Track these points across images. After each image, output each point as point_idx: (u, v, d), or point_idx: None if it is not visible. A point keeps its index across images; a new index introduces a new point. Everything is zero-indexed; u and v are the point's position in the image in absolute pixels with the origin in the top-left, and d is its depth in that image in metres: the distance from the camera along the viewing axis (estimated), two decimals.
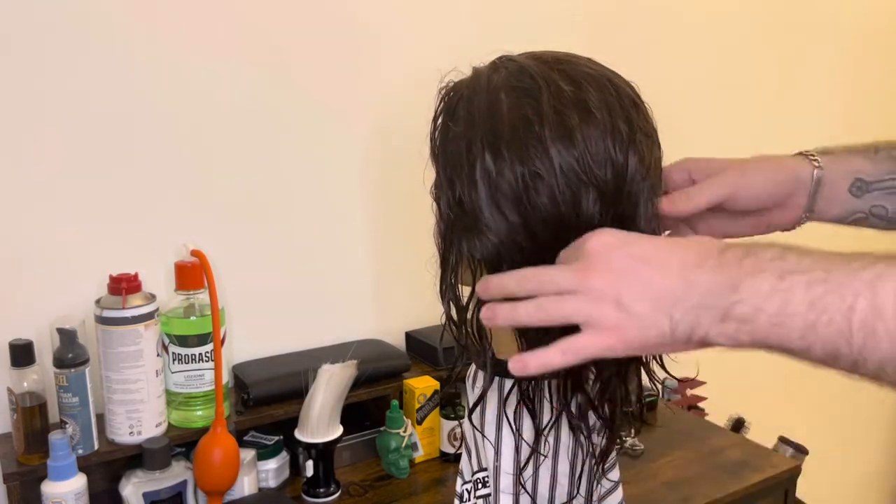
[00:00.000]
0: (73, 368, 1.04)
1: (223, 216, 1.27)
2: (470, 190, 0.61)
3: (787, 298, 0.45)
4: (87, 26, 1.12)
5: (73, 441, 1.04)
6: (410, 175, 0.79)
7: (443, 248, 0.67)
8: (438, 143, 0.66)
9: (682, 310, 0.49)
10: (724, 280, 0.47)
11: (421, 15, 1.39)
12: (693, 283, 0.48)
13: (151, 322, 1.08)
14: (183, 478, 1.09)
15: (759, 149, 0.71)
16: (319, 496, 1.18)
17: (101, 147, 1.16)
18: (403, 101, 1.23)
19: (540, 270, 0.54)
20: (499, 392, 0.70)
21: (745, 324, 0.47)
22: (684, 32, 1.72)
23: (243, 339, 1.30)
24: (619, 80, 0.64)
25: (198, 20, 1.20)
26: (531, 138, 0.59)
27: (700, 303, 0.48)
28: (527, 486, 0.69)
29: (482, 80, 0.64)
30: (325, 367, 1.15)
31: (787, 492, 1.30)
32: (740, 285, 0.47)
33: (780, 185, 0.67)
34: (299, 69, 1.30)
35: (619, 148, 0.60)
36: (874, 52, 2.08)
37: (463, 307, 0.66)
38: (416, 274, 0.78)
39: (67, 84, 1.12)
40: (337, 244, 1.38)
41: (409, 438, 1.25)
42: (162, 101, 1.19)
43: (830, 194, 0.67)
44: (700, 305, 0.48)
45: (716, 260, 0.49)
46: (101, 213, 1.17)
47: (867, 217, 0.69)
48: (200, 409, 1.14)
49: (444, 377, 1.29)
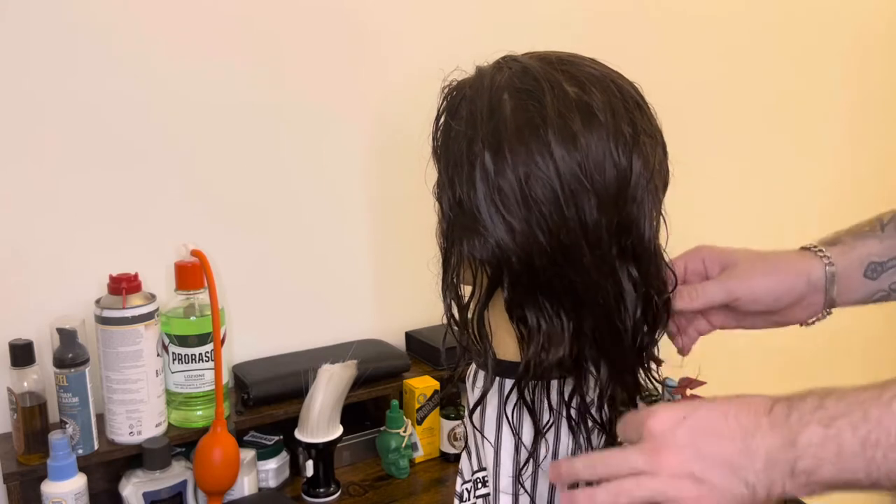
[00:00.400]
0: (73, 368, 1.04)
1: (223, 216, 1.27)
2: (469, 190, 0.61)
3: (840, 443, 0.49)
4: (87, 26, 1.12)
5: (73, 441, 1.04)
6: (411, 175, 0.79)
7: (444, 247, 0.67)
8: (440, 143, 0.66)
9: (754, 473, 0.51)
10: (781, 440, 0.50)
11: (422, 14, 1.39)
12: (756, 449, 0.51)
13: (151, 322, 1.08)
14: (183, 478, 1.09)
15: (761, 149, 0.71)
16: (319, 496, 1.18)
17: (101, 147, 1.16)
18: (405, 101, 1.23)
19: (607, 454, 0.57)
20: (499, 392, 0.70)
21: (812, 475, 0.50)
22: (688, 33, 1.72)
23: (243, 339, 1.30)
24: (623, 81, 0.64)
25: (198, 20, 1.20)
26: (534, 140, 0.59)
27: (767, 464, 0.51)
28: (526, 486, 0.69)
29: (485, 79, 0.64)
30: (325, 367, 1.15)
31: None
32: (796, 441, 0.50)
33: (790, 291, 0.67)
34: (300, 68, 1.30)
35: (623, 151, 0.60)
36: (880, 53, 2.08)
37: (464, 307, 0.66)
38: (416, 274, 0.78)
39: (67, 84, 1.12)
40: (337, 244, 1.38)
41: (409, 438, 1.25)
42: (162, 100, 1.19)
43: (847, 285, 0.67)
44: (768, 467, 0.51)
45: (767, 419, 0.52)
46: (101, 213, 1.17)
47: (888, 294, 0.69)
48: (200, 409, 1.14)
49: (444, 377, 1.29)
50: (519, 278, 0.62)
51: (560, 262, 0.60)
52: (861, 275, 0.67)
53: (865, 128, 2.10)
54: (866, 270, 0.67)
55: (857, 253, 0.67)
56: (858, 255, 0.67)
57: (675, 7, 1.69)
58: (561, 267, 0.61)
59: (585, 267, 0.61)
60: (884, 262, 0.67)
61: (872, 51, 2.07)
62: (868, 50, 2.06)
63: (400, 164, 1.37)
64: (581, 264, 0.61)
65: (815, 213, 1.98)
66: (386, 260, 1.43)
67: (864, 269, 0.67)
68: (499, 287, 0.63)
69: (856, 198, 2.03)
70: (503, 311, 0.64)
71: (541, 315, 0.62)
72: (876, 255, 0.67)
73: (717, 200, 1.78)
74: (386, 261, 1.43)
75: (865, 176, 2.08)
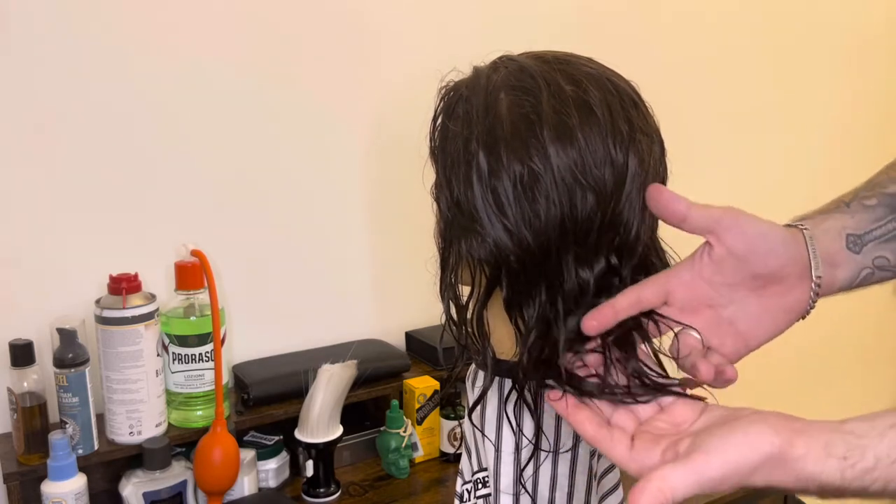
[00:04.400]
0: (73, 368, 1.04)
1: (223, 216, 1.27)
2: (466, 190, 0.61)
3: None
4: (87, 26, 1.12)
5: (73, 441, 1.04)
6: (410, 175, 0.79)
7: (442, 247, 0.67)
8: (437, 143, 0.66)
9: None
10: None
11: (422, 14, 1.39)
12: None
13: (151, 322, 1.08)
14: (183, 478, 1.09)
15: (759, 144, 0.70)
16: (319, 496, 1.18)
17: (101, 147, 1.16)
18: (404, 101, 1.23)
19: None
20: (499, 392, 0.70)
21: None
22: (685, 32, 1.72)
23: (243, 339, 1.30)
24: (620, 80, 0.64)
25: (198, 20, 1.20)
26: (530, 138, 0.59)
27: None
28: (527, 486, 0.69)
29: (482, 79, 0.64)
30: (325, 367, 1.15)
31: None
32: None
33: (783, 241, 0.59)
34: (300, 69, 1.30)
35: (620, 148, 0.60)
36: (875, 51, 2.08)
37: (463, 306, 0.66)
38: (416, 274, 0.78)
39: (67, 84, 1.12)
40: (337, 244, 1.38)
41: (409, 438, 1.25)
42: (162, 100, 1.19)
43: (831, 257, 0.62)
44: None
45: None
46: (101, 213, 1.17)
47: (873, 272, 0.64)
48: (200, 409, 1.14)
49: (444, 377, 1.29)
50: (517, 277, 0.61)
51: (555, 260, 0.60)
52: (843, 247, 0.62)
53: (860, 125, 2.11)
54: (847, 243, 0.62)
55: (829, 224, 0.62)
56: (833, 226, 0.62)
57: (672, 6, 1.69)
58: (556, 265, 0.60)
59: (580, 264, 0.61)
60: (861, 234, 0.63)
61: (869, 48, 2.07)
62: (864, 48, 2.06)
63: (399, 164, 1.37)
64: (575, 262, 0.60)
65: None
66: (386, 260, 1.43)
67: (844, 240, 0.62)
68: (497, 286, 0.63)
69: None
70: (502, 311, 0.63)
71: (539, 313, 0.62)
72: (850, 229, 0.63)
73: (713, 198, 1.78)
74: (386, 261, 1.43)
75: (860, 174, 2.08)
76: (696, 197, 0.59)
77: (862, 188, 0.66)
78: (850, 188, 0.68)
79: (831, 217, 0.63)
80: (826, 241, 0.62)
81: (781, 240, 0.59)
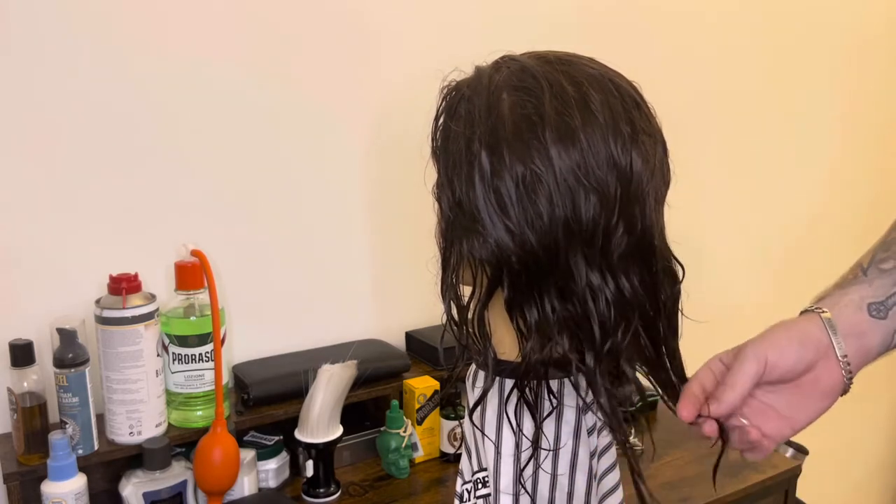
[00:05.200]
0: (73, 368, 1.04)
1: (223, 216, 1.27)
2: (468, 190, 0.61)
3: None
4: (87, 26, 1.12)
5: (73, 441, 1.04)
6: (411, 175, 0.79)
7: (444, 247, 0.67)
8: (439, 143, 0.66)
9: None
10: None
11: (422, 14, 1.39)
12: None
13: (151, 322, 1.08)
14: (183, 478, 1.09)
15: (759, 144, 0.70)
16: (319, 496, 1.18)
17: (101, 147, 1.16)
18: (404, 101, 1.23)
19: None
20: (499, 392, 0.70)
21: None
22: (686, 33, 1.72)
23: (243, 339, 1.30)
24: (622, 81, 0.64)
25: (198, 20, 1.20)
26: (532, 139, 0.59)
27: None
28: (527, 486, 0.69)
29: (484, 79, 0.64)
30: (325, 367, 1.15)
31: (787, 492, 1.30)
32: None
33: (803, 343, 0.63)
34: (300, 69, 1.30)
35: (623, 149, 0.60)
36: (875, 51, 2.08)
37: (463, 307, 0.66)
38: (416, 274, 0.78)
39: (67, 84, 1.12)
40: (337, 244, 1.38)
41: (409, 438, 1.25)
42: (162, 100, 1.19)
43: (855, 329, 0.63)
44: None
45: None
46: (101, 212, 1.17)
47: None
48: (200, 409, 1.14)
49: (444, 377, 1.29)
50: (519, 278, 0.61)
51: (557, 261, 0.60)
52: (866, 316, 0.63)
53: (861, 125, 2.11)
54: (870, 311, 0.63)
55: (849, 298, 0.64)
56: (851, 300, 0.64)
57: (673, 7, 1.69)
58: (559, 266, 0.60)
59: (582, 265, 0.61)
60: (883, 301, 0.63)
61: (869, 49, 2.07)
62: (864, 48, 2.06)
63: (400, 164, 1.37)
64: (578, 263, 0.60)
65: (816, 213, 1.99)
66: (386, 260, 1.43)
67: (866, 311, 0.63)
68: (499, 287, 0.63)
69: (852, 197, 2.03)
70: (503, 311, 0.63)
71: (541, 314, 0.62)
72: (871, 297, 0.64)
73: (714, 198, 1.78)
74: (386, 261, 1.43)
75: (860, 173, 2.08)
76: (697, 196, 0.60)
77: (878, 249, 0.67)
78: (857, 191, 0.69)
79: (850, 290, 0.65)
80: (848, 314, 0.63)
81: (798, 342, 0.63)
